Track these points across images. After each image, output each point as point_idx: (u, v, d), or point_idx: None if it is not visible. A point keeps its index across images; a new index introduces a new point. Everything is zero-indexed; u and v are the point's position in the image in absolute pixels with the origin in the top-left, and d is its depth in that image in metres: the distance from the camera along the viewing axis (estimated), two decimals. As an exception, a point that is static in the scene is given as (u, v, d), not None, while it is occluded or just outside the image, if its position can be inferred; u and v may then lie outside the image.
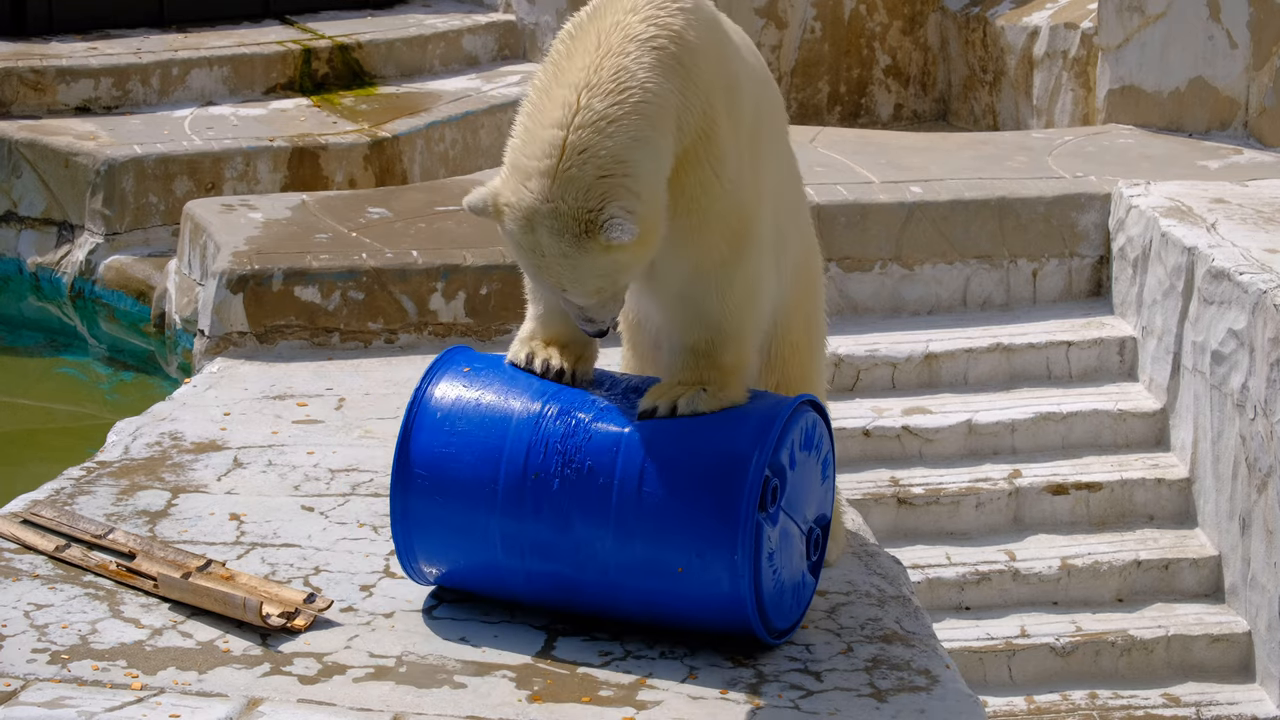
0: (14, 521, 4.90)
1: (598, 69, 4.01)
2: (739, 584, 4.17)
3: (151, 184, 9.04)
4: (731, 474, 4.16)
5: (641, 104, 4.00)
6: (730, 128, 4.19)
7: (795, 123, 10.63)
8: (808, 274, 4.77)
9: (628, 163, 3.98)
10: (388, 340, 6.72)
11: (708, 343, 4.30)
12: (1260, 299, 6.62)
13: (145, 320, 8.54)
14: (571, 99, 3.99)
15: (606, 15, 4.12)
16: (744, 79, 4.30)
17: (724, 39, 4.27)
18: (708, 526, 4.15)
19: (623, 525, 4.20)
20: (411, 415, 4.37)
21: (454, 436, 4.32)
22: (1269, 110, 8.48)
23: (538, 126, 4.02)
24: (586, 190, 3.96)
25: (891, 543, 6.86)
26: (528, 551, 4.28)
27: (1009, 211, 7.77)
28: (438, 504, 4.33)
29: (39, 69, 9.70)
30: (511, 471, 4.26)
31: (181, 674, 4.21)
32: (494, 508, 4.28)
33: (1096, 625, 6.87)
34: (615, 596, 4.28)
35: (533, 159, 4.00)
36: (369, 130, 9.58)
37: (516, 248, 4.09)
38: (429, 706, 4.10)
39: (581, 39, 4.09)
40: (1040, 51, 10.05)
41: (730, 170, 4.19)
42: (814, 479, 4.39)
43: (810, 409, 4.38)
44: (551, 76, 4.08)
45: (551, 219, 3.98)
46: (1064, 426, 7.31)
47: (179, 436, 5.69)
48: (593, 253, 3.99)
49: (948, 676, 4.30)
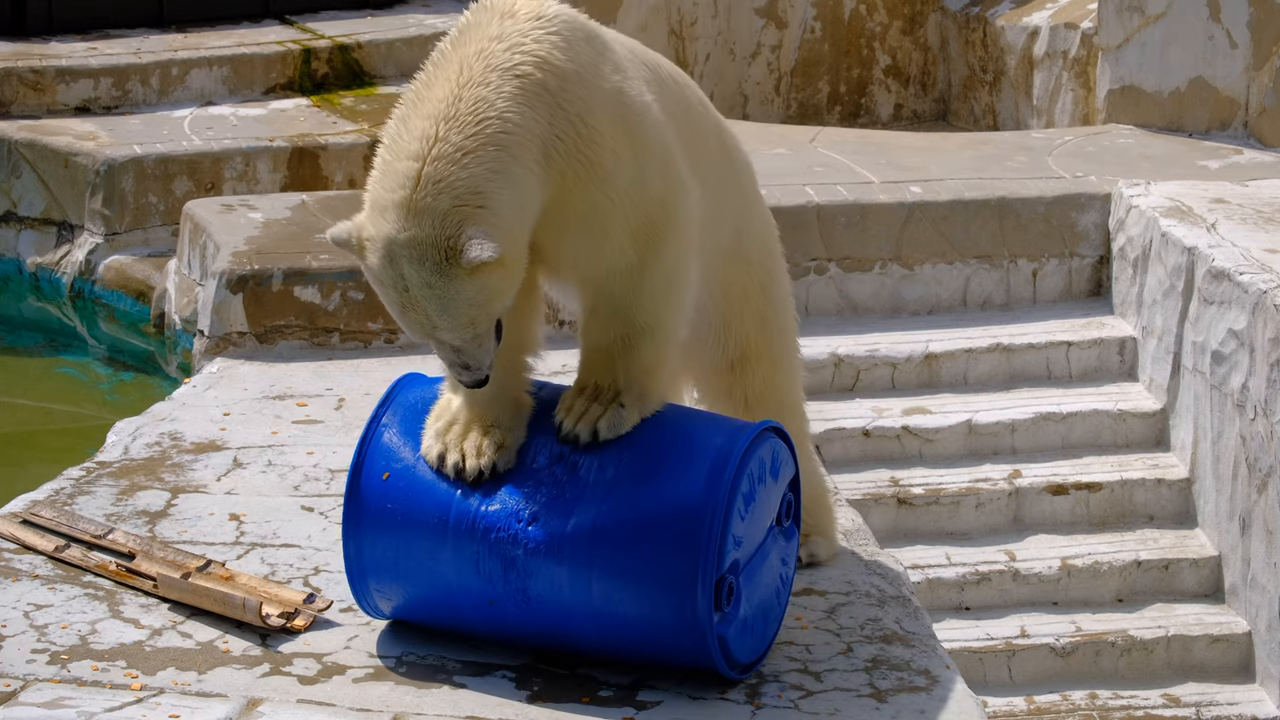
0: (14, 521, 4.89)
1: (457, 100, 3.92)
2: (714, 664, 4.13)
3: (151, 184, 9.03)
4: (684, 589, 4.03)
5: (500, 134, 3.90)
6: (620, 143, 4.07)
7: (795, 123, 10.66)
8: (751, 261, 4.64)
9: (484, 194, 3.88)
10: (388, 340, 6.72)
11: (624, 341, 4.16)
12: (1260, 299, 6.61)
13: (145, 320, 8.54)
14: (430, 130, 3.91)
15: (470, 42, 4.00)
16: (632, 84, 4.16)
17: (600, 55, 4.13)
18: (672, 634, 4.09)
19: (582, 634, 4.16)
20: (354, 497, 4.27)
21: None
22: (1269, 110, 8.47)
23: (395, 159, 3.95)
24: (442, 219, 3.86)
25: (891, 543, 6.86)
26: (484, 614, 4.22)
27: (1009, 211, 7.76)
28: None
29: (39, 69, 9.70)
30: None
31: (181, 674, 4.21)
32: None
33: (1096, 625, 6.87)
34: (581, 653, 4.24)
35: (389, 191, 3.92)
36: (369, 130, 9.57)
37: (381, 286, 3.96)
38: (429, 706, 4.10)
39: (444, 67, 3.99)
40: (1040, 51, 10.04)
41: (623, 183, 4.08)
42: (770, 492, 4.25)
43: (759, 444, 4.18)
44: (411, 107, 3.99)
45: (409, 248, 3.87)
46: (1064, 426, 7.31)
47: (179, 436, 5.68)
48: (457, 279, 3.87)
49: (948, 677, 4.30)
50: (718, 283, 4.57)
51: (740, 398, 4.66)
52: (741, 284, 4.63)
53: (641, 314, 4.15)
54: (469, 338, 3.97)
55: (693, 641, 4.07)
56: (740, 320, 4.63)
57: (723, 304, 4.60)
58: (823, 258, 7.64)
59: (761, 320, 4.66)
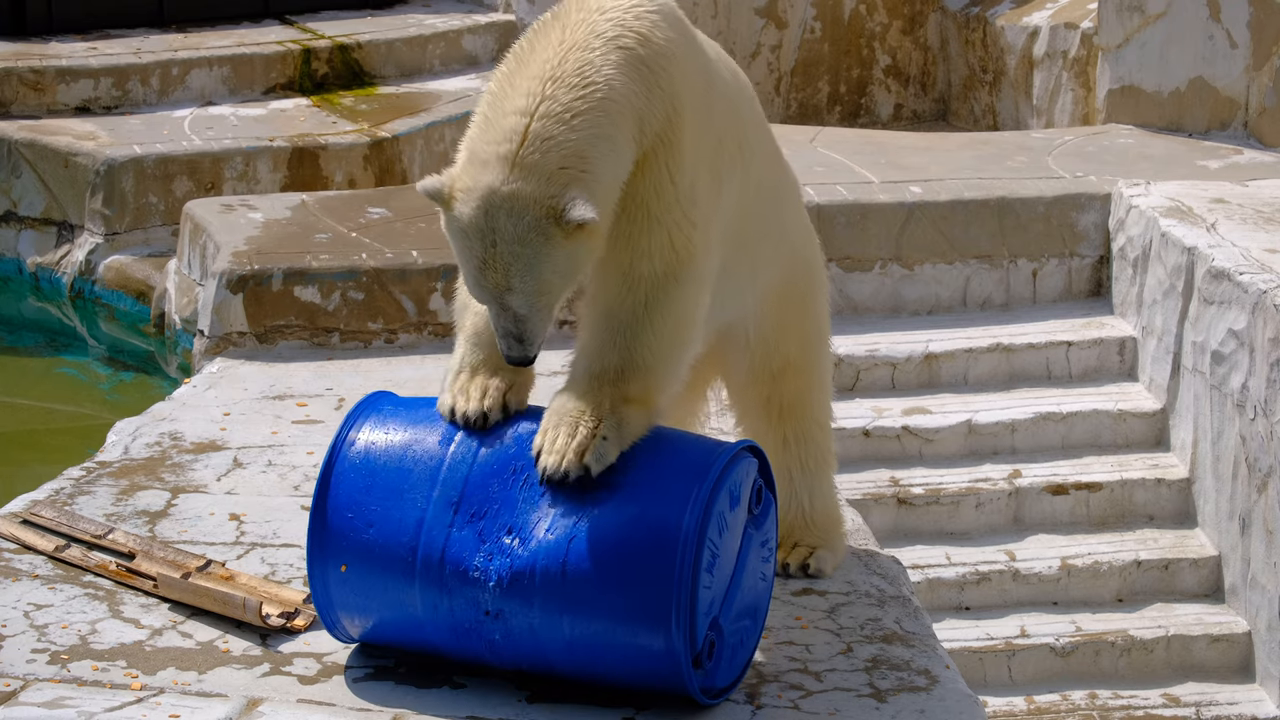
0: (14, 521, 4.89)
1: (562, 61, 3.94)
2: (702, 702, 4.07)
3: (151, 184, 9.04)
4: (663, 660, 3.93)
5: (605, 100, 3.93)
6: (694, 136, 4.12)
7: (795, 123, 10.66)
8: (799, 290, 4.68)
9: (588, 158, 3.90)
10: (388, 340, 6.72)
11: (616, 370, 4.09)
12: (1260, 299, 6.61)
13: (145, 320, 8.54)
14: (535, 88, 3.92)
15: (572, 13, 4.05)
16: (715, 93, 4.22)
17: (694, 47, 4.20)
18: (654, 684, 4.01)
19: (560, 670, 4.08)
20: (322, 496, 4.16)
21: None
22: (1269, 110, 8.48)
23: (498, 115, 3.93)
24: (549, 178, 3.86)
25: (891, 543, 6.86)
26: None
27: (1009, 211, 7.77)
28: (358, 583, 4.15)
29: (39, 69, 9.70)
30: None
31: (181, 674, 4.21)
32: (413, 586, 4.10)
33: (1096, 625, 6.87)
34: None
35: (492, 144, 3.90)
36: (369, 130, 9.58)
37: (465, 238, 3.94)
38: (429, 706, 4.10)
39: (545, 34, 4.02)
40: (1040, 51, 10.05)
41: (687, 178, 4.10)
42: (740, 513, 4.10)
43: (720, 487, 4.01)
44: (514, 68, 3.99)
45: (511, 201, 3.86)
46: (1064, 426, 7.31)
47: (179, 436, 5.69)
48: (552, 239, 3.87)
49: (948, 676, 4.30)
50: (774, 298, 4.60)
51: (776, 408, 4.68)
52: (793, 298, 4.66)
53: (641, 350, 4.11)
54: (539, 306, 3.95)
55: (677, 691, 4.01)
56: (786, 332, 4.65)
57: (774, 316, 4.62)
58: (824, 261, 7.64)
59: (803, 334, 4.69)
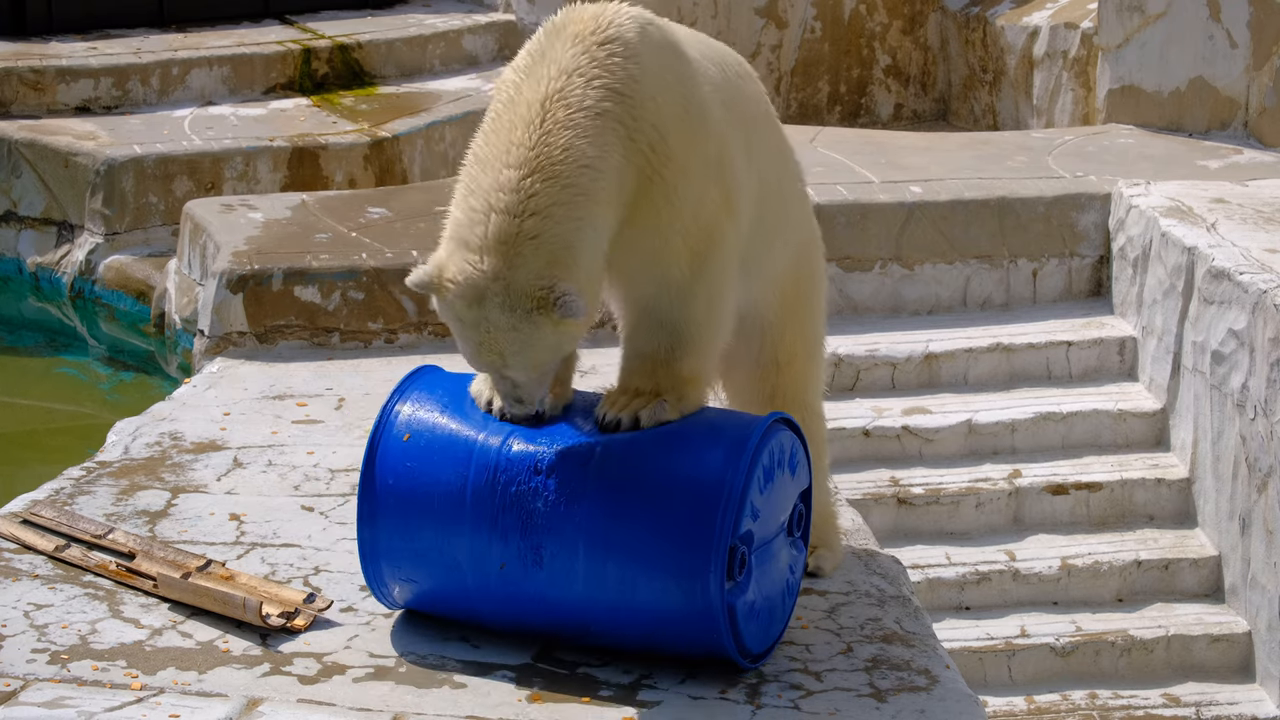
0: (14, 521, 4.90)
1: (543, 144, 3.97)
2: (724, 647, 4.15)
3: (151, 184, 9.04)
4: (696, 552, 4.08)
5: (588, 183, 3.98)
6: (687, 153, 4.15)
7: (795, 122, 10.64)
8: (805, 279, 4.73)
9: (574, 247, 3.97)
10: (388, 340, 6.72)
11: (668, 350, 4.26)
12: (1260, 299, 6.61)
13: (145, 320, 8.55)
14: (515, 181, 3.96)
15: (543, 79, 4.03)
16: (704, 100, 4.23)
17: (677, 65, 4.19)
18: (682, 613, 4.12)
19: (591, 601, 4.18)
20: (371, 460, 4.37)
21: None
22: (1269, 110, 8.47)
23: (482, 204, 3.99)
24: (537, 274, 3.95)
25: (891, 543, 6.86)
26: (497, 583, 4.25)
27: (1009, 211, 7.77)
28: (405, 531, 4.30)
29: (39, 69, 9.70)
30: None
31: (181, 674, 4.21)
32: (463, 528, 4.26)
33: (1096, 625, 6.87)
34: (587, 631, 4.26)
35: (478, 237, 3.98)
36: (369, 130, 9.58)
37: (460, 324, 4.05)
38: (429, 706, 4.10)
39: (520, 107, 4.02)
40: (1040, 51, 10.05)
41: (693, 192, 4.16)
42: (787, 485, 4.31)
43: (780, 428, 4.28)
44: (492, 146, 4.02)
45: (503, 295, 3.97)
46: (1064, 426, 7.31)
47: (179, 436, 5.68)
48: (543, 327, 3.98)
49: (948, 676, 4.30)
50: (780, 288, 4.65)
51: (779, 400, 4.71)
52: (797, 288, 4.71)
53: (687, 326, 4.25)
54: (534, 375, 4.10)
55: (702, 602, 4.08)
56: (788, 323, 4.70)
57: (779, 308, 4.67)
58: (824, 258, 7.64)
59: (802, 324, 4.74)
